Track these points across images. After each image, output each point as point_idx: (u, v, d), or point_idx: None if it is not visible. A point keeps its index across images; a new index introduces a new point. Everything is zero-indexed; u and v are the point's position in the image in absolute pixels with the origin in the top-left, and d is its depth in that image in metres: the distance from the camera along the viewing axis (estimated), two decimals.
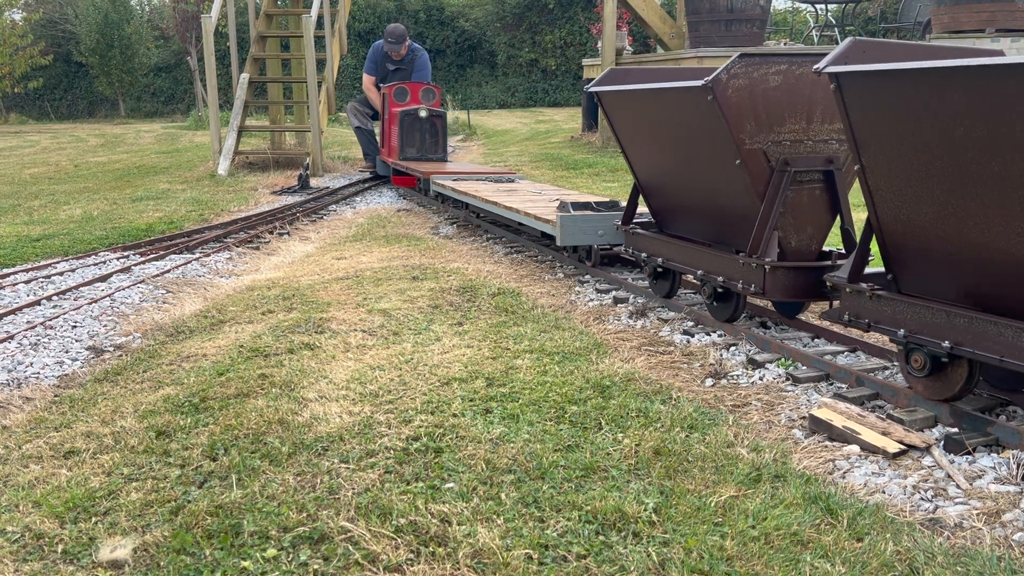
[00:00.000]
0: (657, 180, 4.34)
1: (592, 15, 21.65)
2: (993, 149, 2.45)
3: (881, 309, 2.95)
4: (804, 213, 3.69)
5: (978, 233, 2.62)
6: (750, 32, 11.75)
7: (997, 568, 1.98)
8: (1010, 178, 2.43)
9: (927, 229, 2.78)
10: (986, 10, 9.43)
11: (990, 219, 2.55)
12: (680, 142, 3.97)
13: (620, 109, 4.37)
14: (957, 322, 2.69)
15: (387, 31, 9.94)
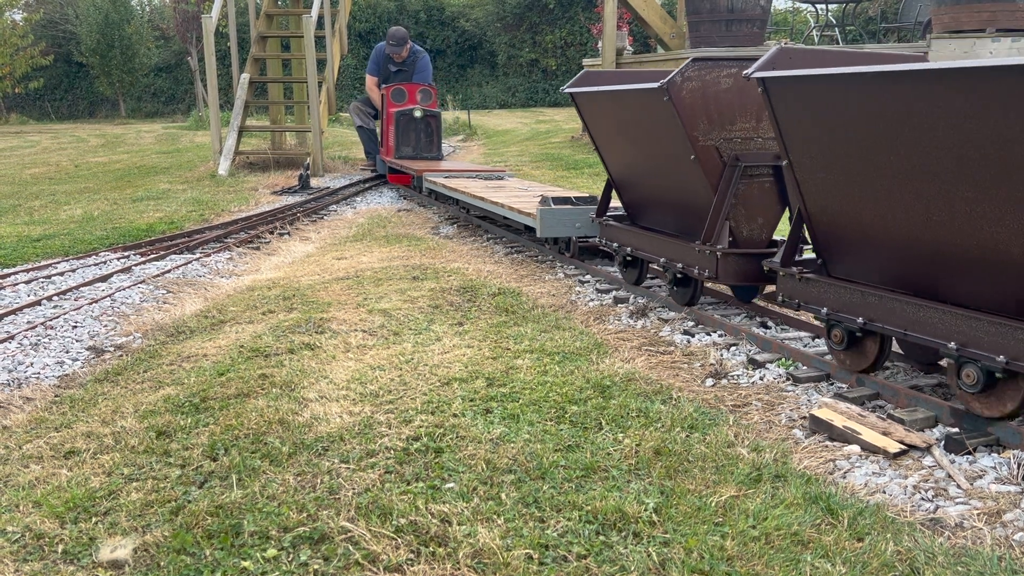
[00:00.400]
0: (627, 175, 4.65)
1: (592, 15, 21.65)
2: (890, 146, 2.75)
3: (808, 290, 3.27)
4: (754, 205, 3.94)
5: (884, 221, 2.91)
6: (750, 32, 11.75)
7: (998, 568, 1.98)
8: (905, 172, 2.75)
9: (845, 218, 3.08)
10: (987, 10, 9.42)
11: (893, 208, 2.86)
12: (643, 139, 4.29)
13: (592, 109, 4.69)
14: (869, 301, 3.01)
15: (389, 34, 10.19)
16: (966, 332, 2.66)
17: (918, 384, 3.11)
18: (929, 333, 2.78)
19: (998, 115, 2.39)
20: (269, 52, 12.16)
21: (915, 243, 2.84)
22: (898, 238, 2.90)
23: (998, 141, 2.43)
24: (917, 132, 2.64)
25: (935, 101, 2.55)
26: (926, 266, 2.84)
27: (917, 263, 2.87)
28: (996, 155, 2.45)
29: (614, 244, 4.71)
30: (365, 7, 25.61)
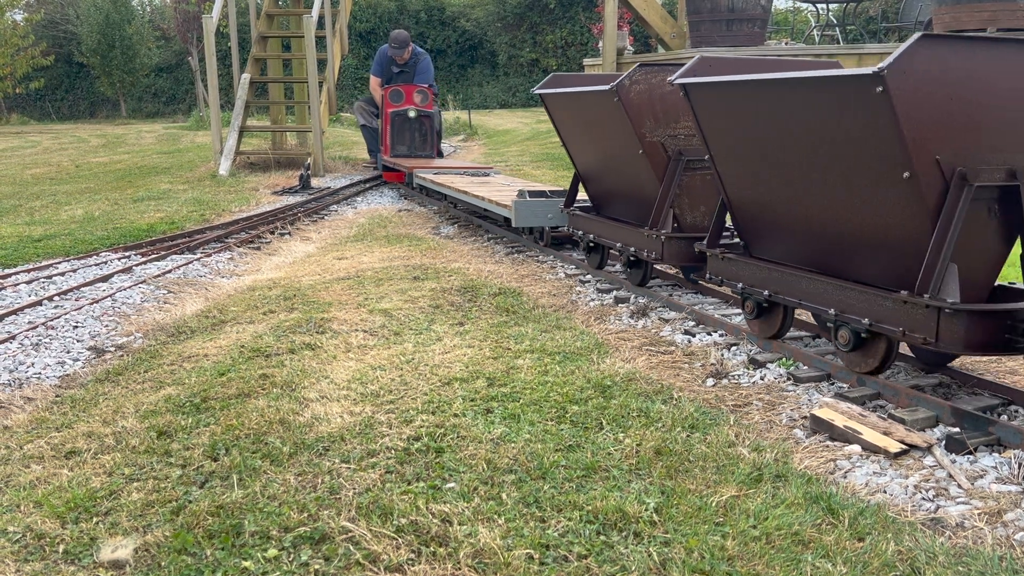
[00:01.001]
0: (590, 169, 5.12)
1: (593, 15, 21.65)
2: (780, 143, 3.23)
3: (729, 268, 3.74)
4: (696, 194, 4.39)
5: (778, 207, 3.43)
6: (751, 32, 11.75)
7: (999, 568, 1.98)
8: (792, 165, 3.23)
9: (755, 205, 3.57)
10: (987, 9, 9.42)
11: (781, 196, 3.37)
12: (601, 136, 4.77)
13: (558, 109, 5.18)
14: (775, 276, 3.48)
15: (391, 37, 10.44)
16: (842, 300, 3.12)
17: (919, 384, 3.11)
18: (817, 302, 3.25)
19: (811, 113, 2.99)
20: (270, 52, 12.16)
21: (801, 226, 3.34)
22: (790, 222, 3.40)
23: (838, 140, 2.95)
24: (783, 130, 3.19)
25: (787, 105, 3.11)
26: (812, 245, 3.32)
27: (806, 243, 3.36)
28: (837, 152, 2.95)
29: (579, 232, 5.18)
30: (366, 7, 25.62)
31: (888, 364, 3.06)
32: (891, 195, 2.88)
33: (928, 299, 2.75)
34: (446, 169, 8.39)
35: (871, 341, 3.07)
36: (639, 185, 4.55)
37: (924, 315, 2.79)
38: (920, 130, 2.73)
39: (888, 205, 2.91)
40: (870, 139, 2.84)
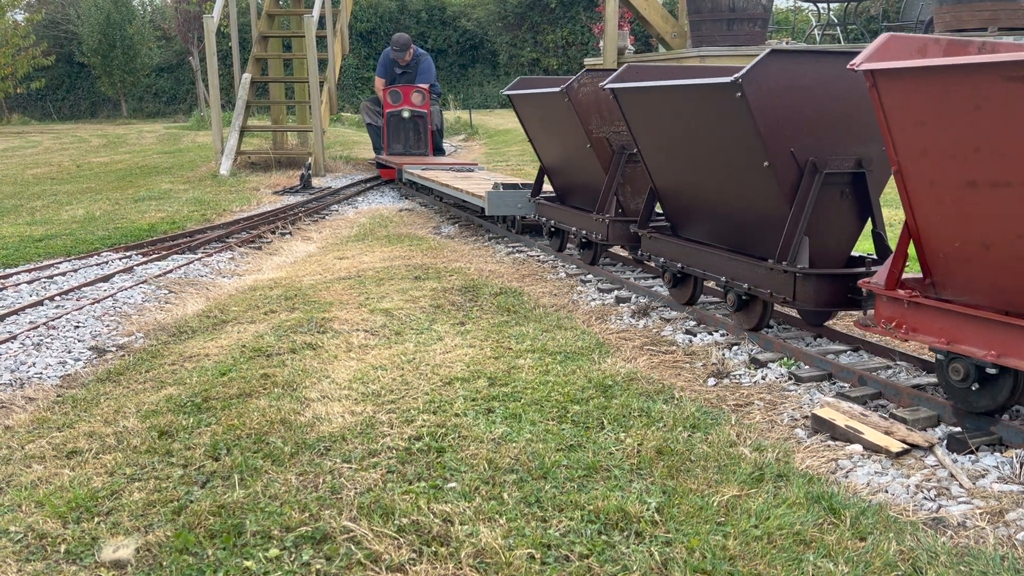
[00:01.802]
0: (552, 163, 5.74)
1: (594, 14, 21.65)
2: (684, 140, 3.90)
3: (655, 246, 4.35)
4: (637, 184, 4.87)
5: (685, 192, 4.12)
6: (752, 31, 11.74)
7: (1000, 568, 1.98)
8: (694, 158, 3.91)
9: (673, 191, 4.22)
10: (988, 9, 9.42)
11: (693, 184, 4.02)
12: (557, 133, 5.38)
13: (523, 109, 5.85)
14: (686, 251, 4.10)
15: (392, 40, 10.71)
16: (731, 270, 3.76)
17: (920, 383, 3.11)
18: (715, 272, 3.88)
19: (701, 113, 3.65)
20: (271, 52, 12.16)
21: (706, 209, 3.99)
22: (698, 206, 4.05)
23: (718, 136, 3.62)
24: (685, 129, 3.87)
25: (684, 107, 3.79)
26: (714, 225, 3.96)
27: (710, 223, 3.99)
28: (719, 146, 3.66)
29: (544, 218, 5.79)
30: (366, 7, 25.62)
31: (765, 321, 3.70)
32: (757, 181, 3.49)
33: (786, 266, 3.36)
34: (433, 165, 8.91)
35: (751, 302, 3.73)
36: (590, 176, 5.15)
37: (784, 279, 3.41)
38: (774, 127, 3.32)
39: (756, 189, 3.53)
40: (738, 135, 3.46)
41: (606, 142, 4.89)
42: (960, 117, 2.51)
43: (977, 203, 2.59)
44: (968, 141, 2.52)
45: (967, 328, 2.68)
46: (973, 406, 2.73)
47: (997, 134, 2.43)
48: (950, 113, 2.54)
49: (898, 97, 2.66)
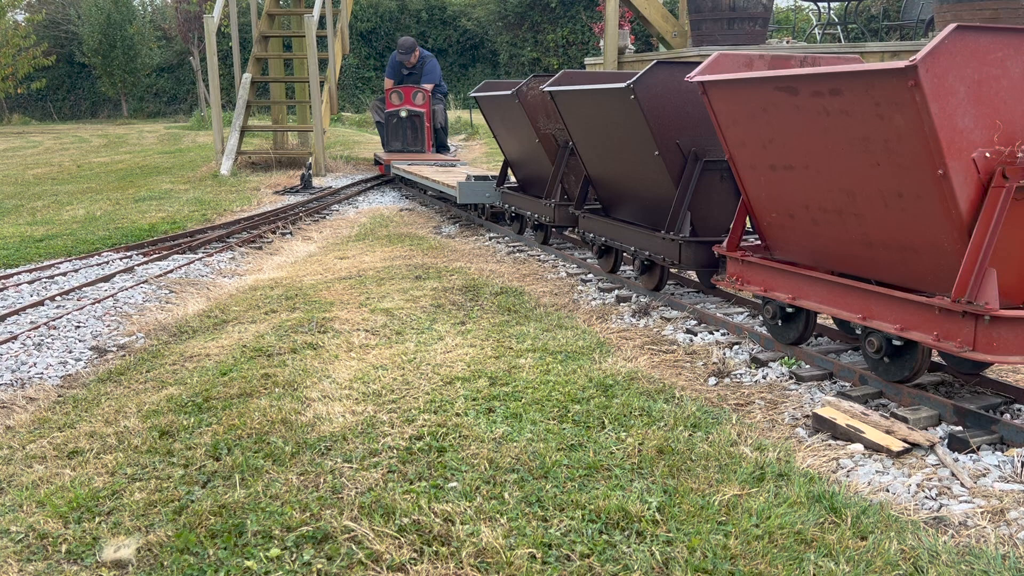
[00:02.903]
0: (512, 157, 6.54)
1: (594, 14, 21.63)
2: (603, 134, 4.59)
3: (589, 224, 5.08)
4: (578, 173, 5.41)
5: (612, 179, 4.77)
6: (752, 31, 11.74)
7: (1001, 566, 1.98)
8: (611, 150, 4.59)
9: (601, 178, 4.90)
10: (989, 8, 9.41)
11: (612, 172, 4.71)
12: (513, 130, 6.18)
13: (486, 108, 6.62)
14: (608, 228, 4.83)
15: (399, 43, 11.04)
16: (639, 241, 4.46)
17: (921, 383, 3.10)
18: (628, 243, 4.57)
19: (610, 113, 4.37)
20: (271, 52, 12.16)
21: (623, 192, 4.70)
22: (617, 190, 4.76)
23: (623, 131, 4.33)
24: (603, 124, 4.51)
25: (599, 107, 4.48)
26: (629, 205, 4.69)
27: (627, 203, 4.71)
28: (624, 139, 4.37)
29: (507, 205, 6.54)
30: (367, 7, 25.61)
31: (664, 283, 4.52)
32: (651, 167, 4.23)
33: (673, 235, 4.11)
34: (419, 161, 9.62)
35: (652, 267, 4.55)
36: (541, 167, 5.93)
37: (672, 246, 4.14)
38: (662, 123, 4.07)
39: (651, 174, 4.27)
40: (635, 130, 4.19)
41: (552, 138, 5.59)
42: (758, 117, 3.28)
43: (778, 182, 3.35)
44: (765, 135, 3.29)
45: (777, 279, 3.48)
46: (780, 337, 3.57)
47: (779, 129, 3.21)
48: (752, 114, 3.30)
49: (720, 102, 3.46)
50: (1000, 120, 2.68)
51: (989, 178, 2.65)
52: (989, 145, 2.66)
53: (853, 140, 2.89)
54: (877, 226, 2.97)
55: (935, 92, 2.57)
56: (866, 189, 2.94)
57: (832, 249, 3.24)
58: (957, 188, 2.64)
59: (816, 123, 3.01)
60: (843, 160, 2.98)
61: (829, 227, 3.18)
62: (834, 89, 2.88)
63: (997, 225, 2.63)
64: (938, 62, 2.58)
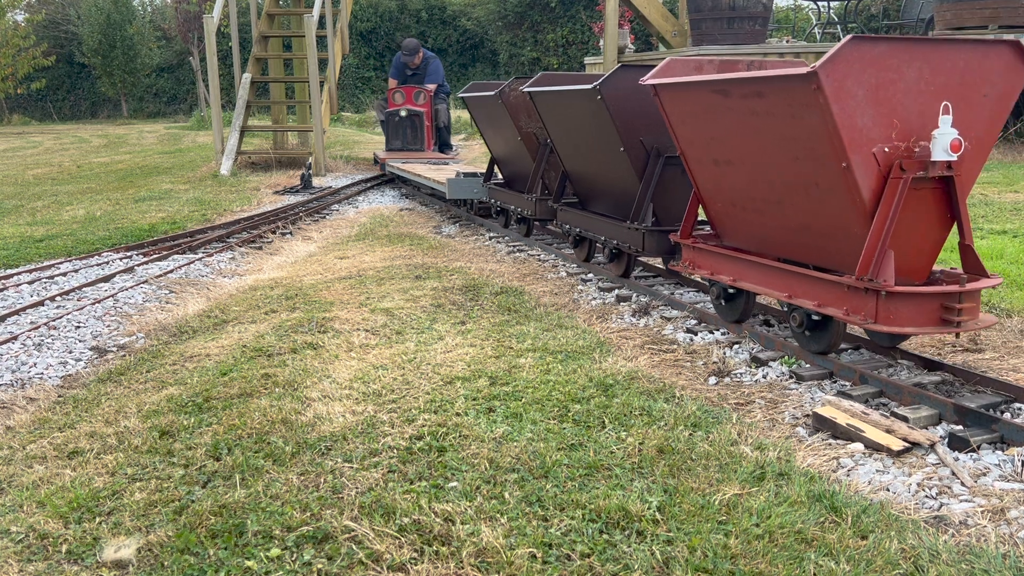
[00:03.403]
0: (498, 154, 6.86)
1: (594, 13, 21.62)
2: (577, 132, 4.91)
3: (565, 216, 5.45)
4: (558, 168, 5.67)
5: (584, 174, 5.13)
6: (752, 30, 11.73)
7: (1002, 565, 1.98)
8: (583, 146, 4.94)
9: (576, 173, 5.25)
10: (989, 6, 9.41)
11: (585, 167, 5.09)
12: (498, 130, 6.54)
13: (473, 108, 7.01)
14: (582, 219, 5.19)
15: (403, 45, 11.35)
16: (607, 231, 4.81)
17: (921, 382, 3.10)
18: (599, 233, 4.94)
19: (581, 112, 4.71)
20: (271, 52, 12.16)
21: (595, 186, 5.06)
22: (589, 184, 5.13)
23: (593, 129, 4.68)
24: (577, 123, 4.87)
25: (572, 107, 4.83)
26: (601, 198, 5.03)
27: (599, 197, 5.07)
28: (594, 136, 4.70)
29: (494, 200, 6.86)
30: (366, 6, 25.60)
31: (631, 269, 4.86)
32: (618, 163, 4.56)
33: (637, 225, 4.43)
34: (414, 159, 9.95)
35: (620, 255, 4.86)
36: (524, 164, 6.25)
37: (636, 235, 4.45)
38: (626, 121, 4.34)
39: (618, 169, 4.61)
40: (603, 128, 4.52)
41: (533, 136, 5.89)
42: (700, 116, 3.63)
43: (722, 176, 3.69)
44: (707, 133, 3.64)
45: (722, 263, 3.82)
46: (724, 316, 3.93)
47: (718, 128, 3.54)
48: (696, 114, 3.65)
49: (670, 103, 3.80)
50: (897, 119, 2.99)
51: (888, 170, 2.98)
52: (888, 141, 2.98)
53: (776, 137, 3.23)
54: (800, 214, 3.33)
55: (836, 95, 2.88)
56: (789, 181, 3.30)
57: (768, 236, 3.60)
58: (860, 179, 2.97)
59: (747, 123, 3.35)
60: (770, 155, 3.33)
61: (764, 216, 3.56)
62: (758, 92, 3.21)
63: (895, 212, 2.97)
64: (837, 68, 2.88)
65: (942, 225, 3.18)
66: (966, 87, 3.06)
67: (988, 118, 3.14)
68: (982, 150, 3.16)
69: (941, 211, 3.14)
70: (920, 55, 2.99)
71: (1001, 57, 3.08)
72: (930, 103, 3.01)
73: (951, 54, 3.03)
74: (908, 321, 2.96)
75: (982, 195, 6.97)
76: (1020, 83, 3.13)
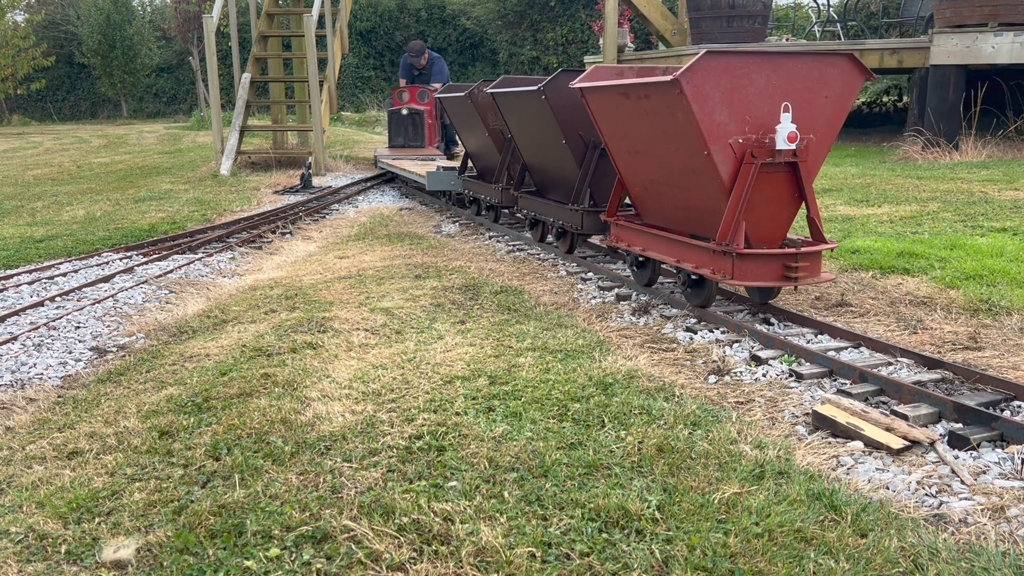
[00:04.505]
0: (470, 149, 7.51)
1: (594, 12, 21.61)
2: (531, 127, 5.60)
3: (524, 203, 6.20)
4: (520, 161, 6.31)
5: (536, 163, 5.90)
6: (752, 28, 11.73)
7: (1002, 564, 1.98)
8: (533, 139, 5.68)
9: (534, 164, 5.95)
10: (989, 4, 9.40)
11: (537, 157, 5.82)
12: (469, 127, 7.18)
13: (449, 108, 7.62)
14: (538, 204, 5.93)
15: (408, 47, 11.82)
16: (556, 213, 5.58)
17: (921, 380, 3.10)
18: (549, 216, 5.69)
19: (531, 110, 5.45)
20: (270, 51, 12.16)
21: (545, 174, 5.81)
22: (541, 172, 5.87)
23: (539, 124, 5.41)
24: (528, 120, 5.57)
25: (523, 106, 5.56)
26: (552, 185, 5.76)
27: (548, 184, 5.82)
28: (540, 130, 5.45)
29: (467, 191, 7.49)
30: (366, 6, 25.59)
31: (575, 246, 5.60)
32: (561, 154, 5.30)
33: (576, 207, 5.20)
34: (402, 155, 10.47)
35: (565, 234, 5.62)
36: (492, 157, 6.86)
37: (576, 216, 5.23)
38: (567, 118, 5.07)
39: (562, 159, 5.36)
40: (547, 124, 5.27)
41: (499, 132, 6.52)
42: (614, 114, 4.29)
43: (634, 163, 4.39)
44: (620, 128, 4.30)
45: (636, 236, 4.57)
46: (638, 280, 4.66)
47: (627, 124, 4.21)
48: (611, 112, 4.31)
49: (593, 103, 4.47)
50: (749, 116, 3.66)
51: (742, 157, 3.67)
52: (742, 134, 3.67)
53: (663, 131, 3.91)
54: (684, 194, 4.06)
55: (695, 97, 3.57)
56: (676, 167, 3.99)
57: (667, 212, 4.34)
58: (719, 164, 3.67)
59: (643, 119, 4.02)
60: (660, 146, 4.01)
61: (663, 196, 4.28)
62: (647, 95, 3.89)
63: (748, 191, 3.67)
64: (695, 76, 3.55)
65: (792, 202, 3.84)
66: (809, 91, 3.70)
67: (829, 115, 3.79)
68: (825, 141, 3.82)
69: (790, 191, 3.80)
70: (768, 64, 3.62)
71: (839, 66, 3.74)
72: (777, 104, 3.65)
73: (795, 64, 3.67)
74: (757, 277, 3.73)
75: (982, 192, 6.97)
76: (857, 87, 3.82)
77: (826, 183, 8.01)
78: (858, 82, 3.80)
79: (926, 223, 5.91)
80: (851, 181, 8.09)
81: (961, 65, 9.64)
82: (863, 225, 5.97)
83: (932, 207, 6.49)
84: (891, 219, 6.16)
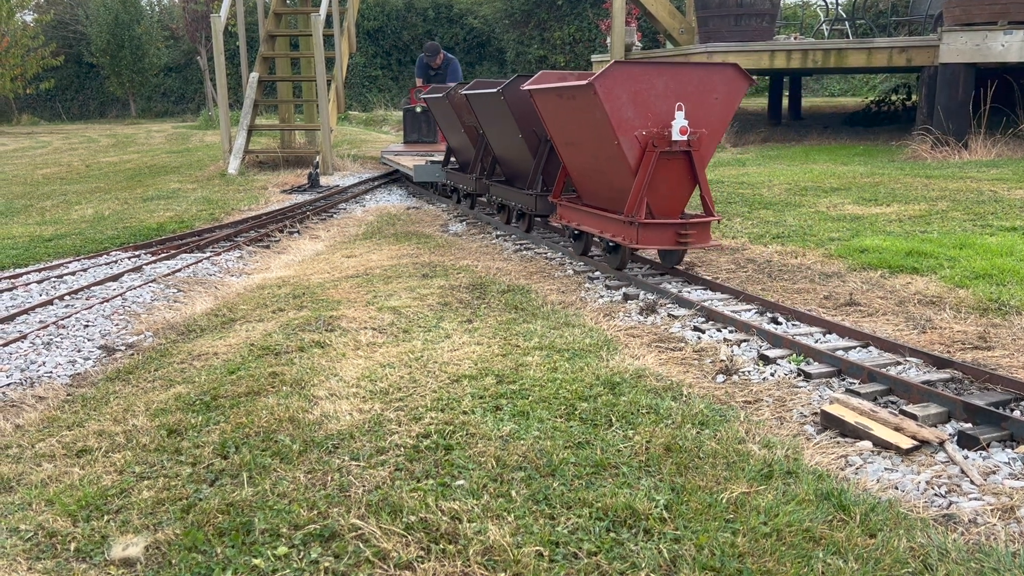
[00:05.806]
0: (452, 144, 8.29)
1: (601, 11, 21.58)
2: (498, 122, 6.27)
3: (494, 191, 6.93)
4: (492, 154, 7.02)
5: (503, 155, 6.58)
6: (760, 27, 11.70)
7: (1012, 564, 1.97)
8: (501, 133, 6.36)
9: (502, 156, 6.66)
10: (999, 2, 9.35)
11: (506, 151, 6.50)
12: (449, 124, 7.93)
13: (432, 108, 8.35)
14: (505, 191, 6.66)
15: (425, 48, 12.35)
16: (516, 198, 6.38)
17: (930, 379, 3.09)
18: (512, 200, 6.47)
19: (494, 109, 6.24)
20: (278, 51, 12.18)
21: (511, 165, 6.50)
22: (507, 161, 6.58)
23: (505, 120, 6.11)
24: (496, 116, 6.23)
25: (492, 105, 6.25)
26: (515, 174, 6.46)
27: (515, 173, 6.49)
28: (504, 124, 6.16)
29: (450, 182, 8.31)
30: (373, 5, 25.62)
31: (532, 227, 6.45)
32: (520, 146, 6.11)
33: (530, 191, 6.02)
34: (405, 152, 10.96)
35: (523, 216, 6.45)
36: (468, 152, 7.60)
37: (531, 199, 6.03)
38: (523, 116, 5.81)
39: (521, 151, 6.16)
40: (507, 121, 6.02)
41: (474, 129, 7.19)
42: (555, 112, 5.08)
43: (571, 153, 5.17)
44: (561, 123, 5.09)
45: (573, 214, 5.41)
46: (575, 250, 5.53)
47: (564, 120, 5.01)
48: (552, 110, 5.10)
49: (539, 103, 5.24)
50: (651, 113, 4.48)
51: (646, 146, 4.50)
52: (645, 127, 4.49)
53: (588, 125, 4.70)
54: (606, 177, 4.85)
55: (607, 98, 4.38)
56: (599, 155, 4.78)
57: (597, 192, 5.10)
58: (627, 152, 4.51)
59: (574, 116, 4.82)
60: (587, 138, 4.80)
61: (592, 180, 5.07)
62: (573, 96, 4.71)
63: (650, 174, 4.53)
64: (606, 81, 4.36)
65: (688, 184, 4.70)
66: (701, 94, 4.53)
67: (719, 114, 4.61)
68: (716, 134, 4.66)
69: (686, 175, 4.66)
70: (667, 73, 4.45)
71: (726, 74, 4.56)
72: (673, 104, 4.51)
73: (689, 72, 4.50)
74: (656, 241, 4.63)
75: (991, 191, 6.94)
76: (742, 91, 4.63)
77: (834, 182, 7.99)
78: (743, 87, 4.61)
79: (935, 222, 5.89)
80: (860, 180, 8.07)
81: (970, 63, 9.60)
82: (872, 224, 5.95)
83: (941, 206, 6.46)
84: (900, 218, 6.14)
